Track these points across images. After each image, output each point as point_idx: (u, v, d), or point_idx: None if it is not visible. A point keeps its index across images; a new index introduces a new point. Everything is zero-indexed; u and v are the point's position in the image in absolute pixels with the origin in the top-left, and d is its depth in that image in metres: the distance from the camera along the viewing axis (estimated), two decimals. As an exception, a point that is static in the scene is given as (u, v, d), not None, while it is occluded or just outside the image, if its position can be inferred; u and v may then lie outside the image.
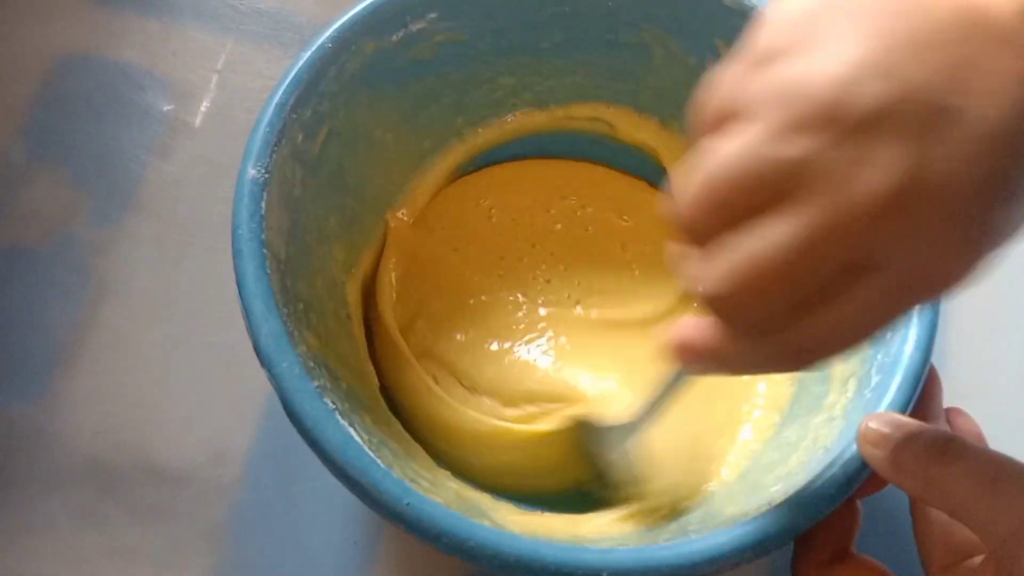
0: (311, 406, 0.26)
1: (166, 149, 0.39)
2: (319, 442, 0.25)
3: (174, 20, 0.42)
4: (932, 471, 0.24)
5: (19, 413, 0.34)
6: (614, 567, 0.24)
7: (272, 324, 0.26)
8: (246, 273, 0.27)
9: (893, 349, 0.29)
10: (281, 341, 0.26)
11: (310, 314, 0.29)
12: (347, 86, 0.32)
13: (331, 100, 0.31)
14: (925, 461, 0.24)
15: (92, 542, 0.33)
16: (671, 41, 0.36)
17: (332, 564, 0.33)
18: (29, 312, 0.36)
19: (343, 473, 0.25)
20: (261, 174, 0.28)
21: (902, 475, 0.25)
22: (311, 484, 0.34)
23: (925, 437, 0.24)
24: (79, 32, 0.41)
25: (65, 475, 0.33)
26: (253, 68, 0.42)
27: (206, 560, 0.33)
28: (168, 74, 0.41)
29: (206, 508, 0.33)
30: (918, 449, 0.24)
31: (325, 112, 0.31)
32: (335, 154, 0.32)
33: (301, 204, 0.30)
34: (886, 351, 0.29)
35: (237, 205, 0.28)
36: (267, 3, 0.43)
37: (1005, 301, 0.41)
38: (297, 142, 0.30)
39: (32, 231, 0.37)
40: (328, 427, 0.25)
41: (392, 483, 0.25)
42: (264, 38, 0.42)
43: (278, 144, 0.29)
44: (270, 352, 0.26)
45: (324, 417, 0.26)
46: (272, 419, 0.35)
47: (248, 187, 0.28)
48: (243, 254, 0.27)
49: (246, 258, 0.27)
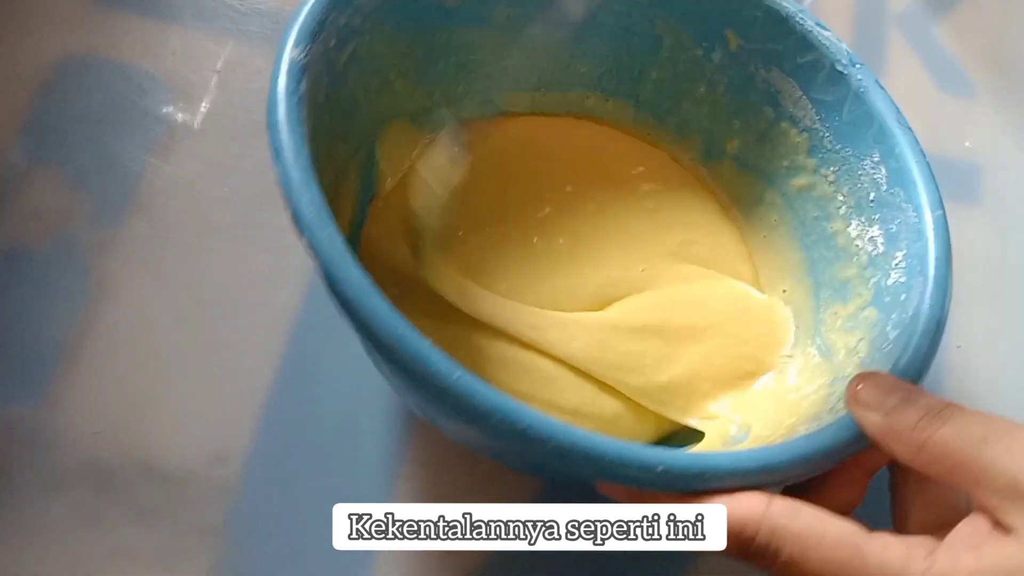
0: (354, 276, 0.24)
1: (166, 149, 0.39)
2: (362, 313, 0.24)
3: (174, 20, 0.42)
4: (926, 434, 0.24)
5: (19, 413, 0.34)
6: (669, 463, 0.24)
7: (315, 193, 0.25)
8: (282, 144, 0.26)
9: (911, 306, 0.29)
10: (323, 210, 0.25)
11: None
12: (377, 10, 0.31)
13: (362, 17, 0.31)
14: (922, 425, 0.24)
15: (92, 542, 0.32)
16: (682, 30, 0.36)
17: (332, 564, 0.33)
18: (29, 312, 0.36)
19: (386, 346, 0.23)
20: (301, 57, 0.27)
21: (895, 440, 0.25)
22: (311, 484, 0.34)
23: (922, 402, 0.24)
24: (79, 32, 0.41)
25: (65, 475, 0.33)
26: (253, 68, 0.42)
27: (206, 560, 0.33)
28: (168, 74, 0.41)
29: (206, 508, 0.33)
30: (914, 414, 0.24)
31: (355, 27, 0.31)
32: (353, 80, 0.32)
33: (322, 112, 0.29)
34: (902, 310, 0.30)
35: (275, 83, 0.27)
36: (267, 3, 0.43)
37: (1010, 297, 0.41)
38: (330, 45, 0.29)
39: (32, 231, 0.37)
40: (371, 298, 0.24)
41: (439, 357, 0.23)
42: (264, 38, 0.42)
43: (317, 36, 0.28)
44: (311, 220, 0.25)
45: (367, 288, 0.24)
46: (272, 419, 0.35)
47: (288, 65, 0.27)
48: (280, 126, 0.26)
49: (284, 130, 0.26)
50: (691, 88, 0.38)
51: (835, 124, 0.34)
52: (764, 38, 0.36)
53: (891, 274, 0.31)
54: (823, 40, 0.34)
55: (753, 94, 0.37)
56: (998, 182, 0.43)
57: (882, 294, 0.31)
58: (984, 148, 0.43)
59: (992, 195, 0.43)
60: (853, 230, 0.33)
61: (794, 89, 0.35)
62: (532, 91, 0.38)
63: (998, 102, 0.44)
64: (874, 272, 0.32)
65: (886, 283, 0.31)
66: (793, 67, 0.35)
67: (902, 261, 0.31)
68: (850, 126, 0.34)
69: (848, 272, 0.33)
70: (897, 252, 0.31)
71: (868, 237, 0.33)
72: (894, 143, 0.33)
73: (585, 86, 0.38)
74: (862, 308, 0.32)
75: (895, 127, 0.33)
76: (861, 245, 0.33)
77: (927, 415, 0.24)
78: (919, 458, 0.24)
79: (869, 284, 0.32)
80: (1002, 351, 0.39)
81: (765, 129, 0.37)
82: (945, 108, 0.44)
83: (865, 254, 0.33)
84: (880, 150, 0.33)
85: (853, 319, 0.32)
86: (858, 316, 0.32)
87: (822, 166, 0.35)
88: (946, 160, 0.43)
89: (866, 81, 0.34)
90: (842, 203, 0.34)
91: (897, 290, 0.31)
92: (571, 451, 0.23)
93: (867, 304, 0.32)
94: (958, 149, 0.44)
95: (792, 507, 0.24)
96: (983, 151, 0.43)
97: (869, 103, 0.33)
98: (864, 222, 0.33)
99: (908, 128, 0.33)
